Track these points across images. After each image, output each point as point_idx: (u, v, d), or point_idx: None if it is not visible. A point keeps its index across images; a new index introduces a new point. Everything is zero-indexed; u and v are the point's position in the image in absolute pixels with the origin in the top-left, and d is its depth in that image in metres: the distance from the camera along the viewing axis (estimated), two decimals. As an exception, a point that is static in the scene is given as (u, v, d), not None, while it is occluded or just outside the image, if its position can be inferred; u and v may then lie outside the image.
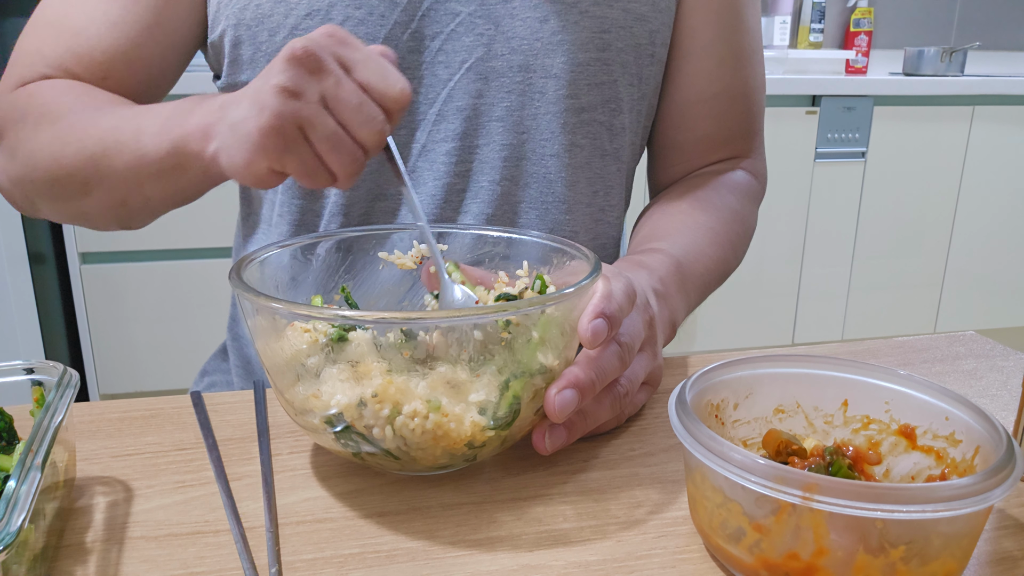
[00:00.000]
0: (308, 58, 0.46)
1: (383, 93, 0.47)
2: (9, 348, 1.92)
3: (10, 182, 0.69)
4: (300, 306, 0.42)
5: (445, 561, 0.41)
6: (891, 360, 0.67)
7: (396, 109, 0.48)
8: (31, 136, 0.65)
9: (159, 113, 0.59)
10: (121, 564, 0.41)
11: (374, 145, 0.48)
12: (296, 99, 0.46)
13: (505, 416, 0.44)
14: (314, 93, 0.46)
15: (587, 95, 0.71)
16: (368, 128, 0.47)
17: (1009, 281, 2.70)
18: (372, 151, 0.49)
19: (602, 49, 0.70)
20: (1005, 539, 0.43)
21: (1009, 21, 3.03)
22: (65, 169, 0.63)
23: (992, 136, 2.52)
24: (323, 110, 0.47)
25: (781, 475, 0.35)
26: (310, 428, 0.45)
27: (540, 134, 0.70)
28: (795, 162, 2.38)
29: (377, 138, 0.48)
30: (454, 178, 0.70)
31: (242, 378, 0.81)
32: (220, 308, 1.99)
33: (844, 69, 2.80)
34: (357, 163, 0.48)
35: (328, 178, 0.49)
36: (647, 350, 0.54)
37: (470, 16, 0.67)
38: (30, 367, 0.46)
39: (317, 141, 0.47)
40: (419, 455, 0.44)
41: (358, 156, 0.48)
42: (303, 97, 0.46)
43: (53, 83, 0.68)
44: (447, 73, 0.68)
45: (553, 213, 0.72)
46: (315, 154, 0.48)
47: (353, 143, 0.48)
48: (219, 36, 0.70)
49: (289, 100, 0.46)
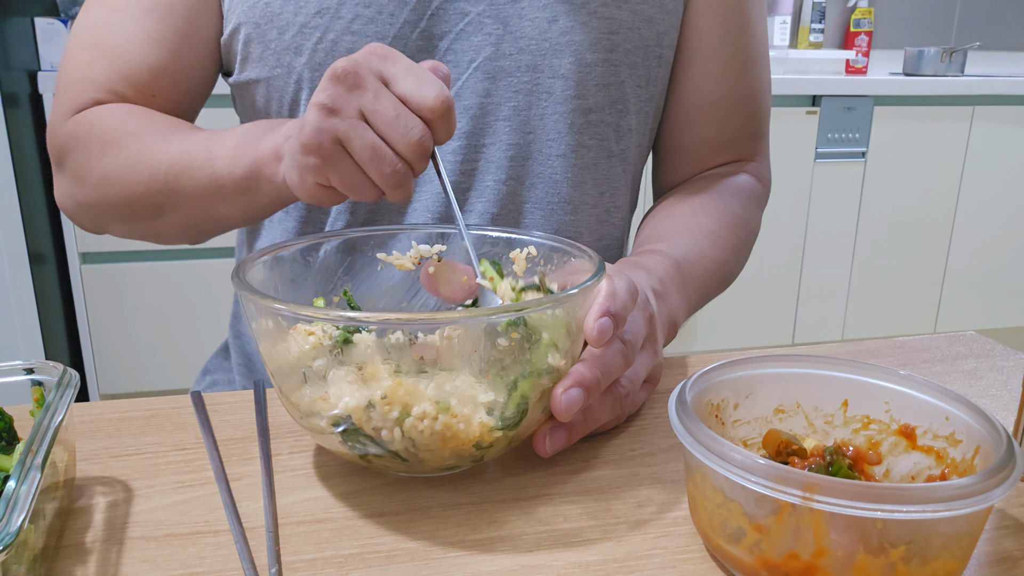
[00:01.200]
0: (347, 75, 0.48)
1: (419, 104, 0.48)
2: (9, 348, 1.92)
3: (78, 206, 0.72)
4: (305, 308, 0.42)
5: (445, 561, 0.41)
6: (891, 360, 0.67)
7: (434, 118, 0.48)
8: (99, 162, 0.67)
9: (230, 137, 0.62)
10: (121, 564, 0.41)
11: (415, 156, 0.48)
12: (334, 115, 0.48)
13: (513, 416, 0.44)
14: (352, 108, 0.48)
15: (594, 96, 0.71)
16: (407, 139, 0.48)
17: (1009, 281, 2.70)
18: (416, 162, 0.49)
19: (610, 50, 0.70)
20: (1005, 539, 0.43)
21: (1009, 21, 3.03)
22: (137, 193, 0.66)
23: (992, 136, 2.52)
24: (361, 123, 0.48)
25: (781, 475, 0.35)
26: (315, 430, 0.45)
27: (547, 134, 0.70)
28: (795, 162, 2.38)
29: (416, 148, 0.48)
30: (460, 177, 0.70)
31: (244, 376, 0.81)
32: (221, 308, 1.99)
33: (844, 69, 2.80)
34: (399, 175, 0.49)
35: (373, 190, 0.50)
36: (648, 348, 0.54)
37: (479, 16, 0.67)
38: (30, 367, 0.46)
39: (357, 153, 0.48)
40: (427, 456, 0.44)
41: (398, 168, 0.48)
42: (341, 112, 0.48)
43: (113, 108, 0.69)
44: (455, 72, 0.68)
45: (558, 213, 0.72)
46: (357, 167, 0.49)
47: (393, 154, 0.48)
48: (230, 35, 0.70)
49: (327, 116, 0.48)
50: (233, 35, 0.70)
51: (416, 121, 0.48)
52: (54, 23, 1.99)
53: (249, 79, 0.70)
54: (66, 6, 2.16)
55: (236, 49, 0.70)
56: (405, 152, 0.48)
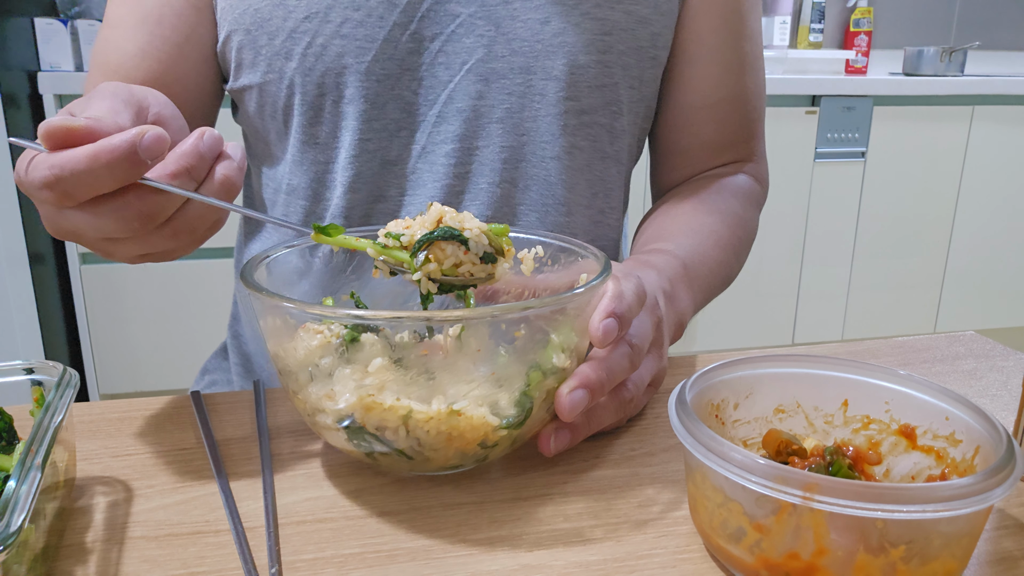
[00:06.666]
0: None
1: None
2: (9, 348, 1.92)
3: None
4: (314, 306, 0.42)
5: (445, 561, 0.41)
6: (891, 360, 0.67)
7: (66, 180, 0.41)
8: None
9: None
10: (121, 564, 0.41)
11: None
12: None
13: (518, 416, 0.44)
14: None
15: (588, 97, 0.71)
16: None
17: (1009, 281, 2.70)
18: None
19: (603, 52, 0.70)
20: (1005, 539, 0.43)
21: (1009, 21, 3.03)
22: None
23: (992, 136, 2.52)
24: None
25: (781, 475, 0.35)
26: (322, 427, 0.45)
27: (540, 136, 0.70)
28: (795, 162, 2.38)
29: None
30: (453, 180, 0.70)
31: (242, 376, 0.81)
32: (220, 308, 2.00)
33: (844, 69, 2.80)
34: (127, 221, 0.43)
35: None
36: (653, 352, 0.54)
37: (471, 17, 0.67)
38: (30, 367, 0.46)
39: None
40: (432, 455, 0.44)
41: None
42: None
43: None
44: (447, 75, 0.68)
45: (552, 215, 0.72)
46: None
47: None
48: (224, 42, 0.70)
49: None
50: (226, 42, 0.70)
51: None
52: (54, 23, 1.99)
53: (243, 85, 0.71)
54: (66, 6, 2.16)
55: (230, 56, 0.70)
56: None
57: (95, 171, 0.40)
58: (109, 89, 0.47)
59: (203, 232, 0.47)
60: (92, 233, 0.44)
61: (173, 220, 0.45)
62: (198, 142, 0.44)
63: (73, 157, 0.41)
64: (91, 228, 0.43)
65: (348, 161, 0.69)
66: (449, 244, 0.45)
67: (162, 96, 0.50)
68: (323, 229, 0.47)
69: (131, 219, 0.43)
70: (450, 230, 0.45)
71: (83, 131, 0.41)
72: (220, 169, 0.45)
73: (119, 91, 0.47)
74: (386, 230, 0.47)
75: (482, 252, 0.46)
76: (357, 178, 0.70)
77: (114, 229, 0.43)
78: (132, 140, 0.41)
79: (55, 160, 0.41)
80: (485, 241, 0.46)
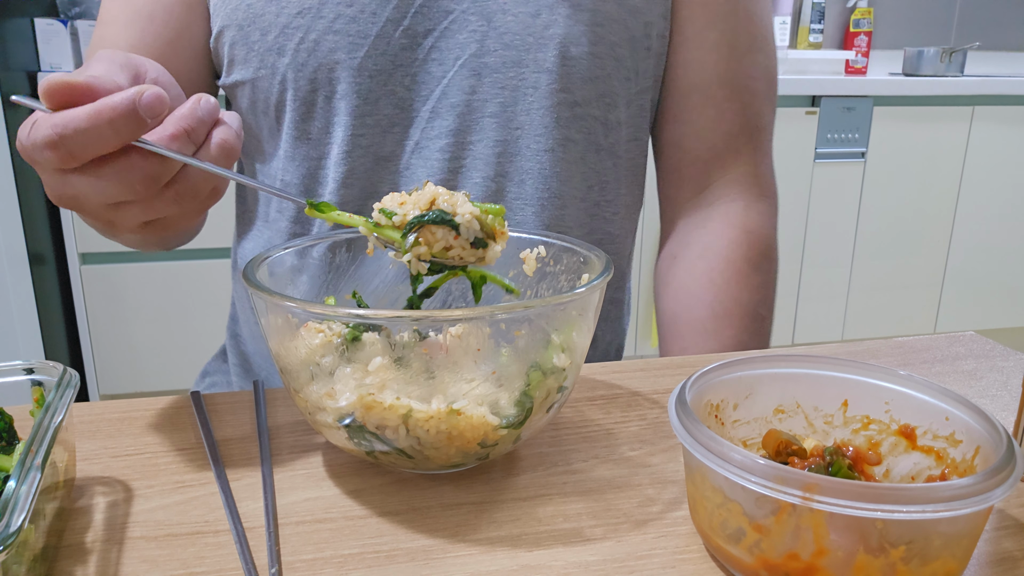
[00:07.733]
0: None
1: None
2: (9, 348, 1.92)
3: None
4: (316, 305, 0.42)
5: (445, 561, 0.41)
6: (891, 360, 0.67)
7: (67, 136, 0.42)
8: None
9: None
10: (121, 564, 0.41)
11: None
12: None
13: (518, 415, 0.44)
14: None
15: (580, 90, 0.70)
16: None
17: (1009, 281, 2.70)
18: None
19: (595, 43, 0.69)
20: (1005, 539, 0.43)
21: (1009, 21, 3.03)
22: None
23: (992, 136, 2.52)
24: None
25: (781, 475, 0.35)
26: (323, 426, 0.45)
27: (533, 129, 0.70)
28: (795, 162, 2.38)
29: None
30: (448, 174, 0.70)
31: (240, 376, 0.81)
32: (220, 308, 1.99)
33: (844, 69, 2.80)
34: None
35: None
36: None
37: (463, 13, 0.67)
38: (30, 367, 0.46)
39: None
40: (433, 454, 0.44)
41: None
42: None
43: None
44: (441, 70, 0.68)
45: (547, 209, 0.72)
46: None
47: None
48: (216, 38, 0.70)
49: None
50: (219, 38, 0.70)
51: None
52: (54, 24, 1.99)
53: (236, 81, 0.71)
54: (66, 7, 2.16)
55: (223, 52, 0.70)
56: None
57: (97, 128, 0.41)
58: (106, 54, 0.47)
59: (205, 198, 0.47)
60: (95, 197, 0.44)
61: (175, 182, 0.45)
62: (195, 106, 0.44)
63: (75, 116, 0.41)
64: (94, 192, 0.43)
65: (341, 157, 0.69)
66: (440, 228, 0.45)
67: (159, 65, 0.50)
68: (316, 205, 0.48)
69: (134, 181, 0.43)
70: (442, 214, 0.45)
71: (83, 87, 0.42)
72: (218, 134, 0.45)
73: (116, 56, 0.47)
74: (380, 205, 0.47)
75: (473, 237, 0.46)
76: (350, 174, 0.70)
77: (117, 192, 0.43)
78: (132, 98, 0.41)
79: (57, 119, 0.41)
80: (477, 226, 0.46)
